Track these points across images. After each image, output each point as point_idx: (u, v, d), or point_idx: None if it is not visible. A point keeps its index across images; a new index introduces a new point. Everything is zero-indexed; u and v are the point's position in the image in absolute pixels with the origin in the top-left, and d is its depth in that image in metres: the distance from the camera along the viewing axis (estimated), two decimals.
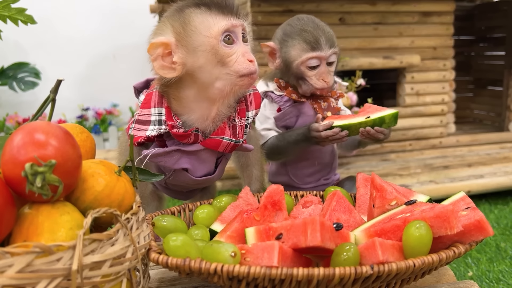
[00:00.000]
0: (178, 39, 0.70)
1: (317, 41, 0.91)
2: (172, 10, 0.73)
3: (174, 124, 0.74)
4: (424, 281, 0.66)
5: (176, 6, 0.73)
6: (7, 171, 0.45)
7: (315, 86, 0.94)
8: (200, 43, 0.70)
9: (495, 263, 1.33)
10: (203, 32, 0.70)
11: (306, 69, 0.93)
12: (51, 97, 0.53)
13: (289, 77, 0.98)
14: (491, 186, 1.92)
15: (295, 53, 0.93)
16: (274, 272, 0.48)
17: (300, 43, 0.92)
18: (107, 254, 0.45)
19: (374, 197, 0.69)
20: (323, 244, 0.51)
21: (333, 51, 0.93)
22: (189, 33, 0.70)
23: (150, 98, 0.77)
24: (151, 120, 0.75)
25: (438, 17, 2.23)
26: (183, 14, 0.71)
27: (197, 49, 0.70)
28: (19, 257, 0.40)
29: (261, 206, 0.67)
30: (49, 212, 0.46)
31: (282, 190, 0.69)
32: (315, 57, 0.92)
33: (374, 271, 0.50)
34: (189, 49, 0.70)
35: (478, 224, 0.56)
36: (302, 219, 0.54)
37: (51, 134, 0.46)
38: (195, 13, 0.70)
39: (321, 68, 0.93)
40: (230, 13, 0.71)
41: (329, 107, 1.00)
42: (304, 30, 0.92)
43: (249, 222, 0.64)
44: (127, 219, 0.50)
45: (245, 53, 0.72)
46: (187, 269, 0.50)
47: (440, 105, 2.31)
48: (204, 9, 0.70)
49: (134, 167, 0.56)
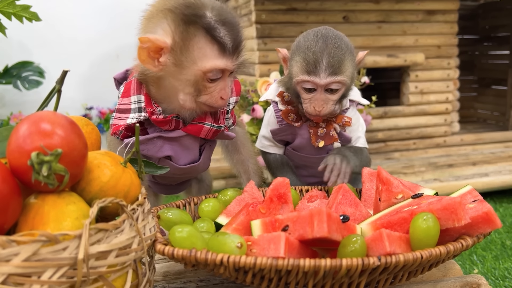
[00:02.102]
0: (173, 46, 0.68)
1: (315, 64, 0.81)
2: (180, 7, 0.68)
3: (154, 111, 0.74)
4: (431, 275, 0.66)
5: (186, 5, 0.68)
6: (13, 161, 0.45)
7: (305, 110, 0.86)
8: (188, 65, 0.69)
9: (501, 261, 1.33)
10: (197, 60, 0.68)
11: (301, 90, 0.85)
12: (57, 88, 0.53)
13: (291, 92, 0.91)
14: (496, 184, 1.91)
15: (295, 70, 0.85)
16: (280, 263, 0.48)
17: (300, 62, 0.83)
18: (113, 244, 0.45)
19: (380, 191, 0.68)
20: (329, 235, 0.51)
21: (333, 79, 0.81)
22: (184, 50, 0.68)
23: (129, 86, 0.77)
24: (131, 108, 0.76)
25: (442, 16, 2.22)
26: (188, 29, 0.67)
27: (183, 66, 0.69)
28: (25, 246, 0.40)
29: (266, 199, 0.67)
30: (55, 202, 0.46)
31: (287, 183, 0.69)
32: (309, 81, 0.82)
33: (382, 263, 0.50)
34: (177, 61, 0.69)
35: (486, 216, 0.55)
36: (308, 210, 0.53)
37: (57, 123, 0.46)
38: (199, 37, 0.68)
39: (316, 94, 0.83)
40: (231, 55, 0.70)
41: (326, 135, 0.90)
42: (309, 49, 0.82)
43: (255, 214, 0.63)
44: (133, 210, 0.50)
45: (222, 89, 0.72)
46: (193, 260, 0.49)
47: (444, 103, 2.30)
48: (210, 38, 0.68)
49: (139, 158, 0.56)
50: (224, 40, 0.68)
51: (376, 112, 2.17)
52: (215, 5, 0.70)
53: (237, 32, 0.70)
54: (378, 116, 2.20)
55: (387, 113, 2.22)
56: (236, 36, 0.70)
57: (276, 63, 1.96)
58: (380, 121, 2.20)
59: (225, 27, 0.69)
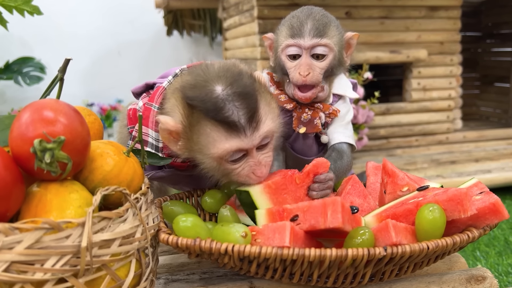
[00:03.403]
0: (183, 132, 0.61)
1: (299, 27, 0.77)
2: (186, 87, 0.61)
3: (171, 153, 0.67)
4: (436, 268, 0.65)
5: (191, 85, 0.61)
6: (15, 148, 0.44)
7: (292, 80, 0.79)
8: (202, 152, 0.62)
9: (504, 257, 1.32)
10: (207, 147, 0.60)
11: (286, 59, 0.79)
12: (59, 76, 0.52)
13: (278, 73, 0.84)
14: (499, 181, 1.91)
15: (279, 40, 0.81)
16: (286, 252, 0.47)
17: (284, 29, 0.80)
18: (116, 232, 0.44)
19: (385, 183, 0.68)
20: (343, 226, 0.50)
21: (318, 41, 0.77)
22: (193, 137, 0.61)
23: (148, 115, 0.70)
24: (148, 141, 0.70)
25: (445, 12, 2.21)
26: (192, 114, 0.60)
27: (198, 153, 0.62)
28: (28, 233, 0.40)
29: (304, 172, 0.65)
30: (58, 190, 0.46)
31: (328, 166, 0.67)
32: (293, 45, 0.78)
33: (388, 253, 0.49)
34: (190, 147, 0.62)
35: (493, 207, 0.55)
36: (321, 200, 0.52)
37: (60, 111, 0.46)
38: (204, 122, 0.59)
39: (301, 59, 0.78)
40: (245, 131, 0.59)
41: (309, 122, 0.81)
42: (294, 16, 0.80)
43: (290, 180, 0.64)
44: (136, 199, 0.49)
45: (254, 166, 0.62)
46: (197, 250, 0.49)
47: (446, 100, 2.29)
48: (214, 122, 0.59)
49: (142, 148, 0.56)
50: (231, 118, 0.58)
51: (378, 108, 2.16)
52: (227, 75, 0.61)
53: (251, 104, 0.60)
54: (381, 112, 2.19)
55: (389, 109, 2.21)
56: (249, 109, 0.59)
57: None
58: (383, 117, 2.20)
59: (234, 101, 0.59)
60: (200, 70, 0.62)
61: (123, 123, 0.79)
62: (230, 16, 2.35)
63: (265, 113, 0.62)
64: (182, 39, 2.97)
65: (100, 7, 2.91)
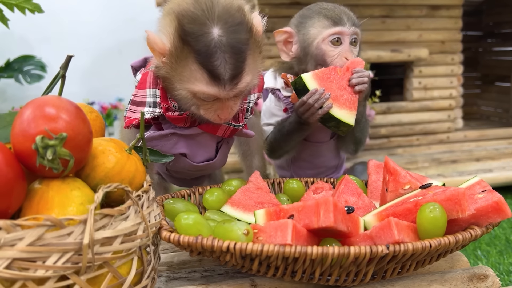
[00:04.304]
0: (169, 55, 0.64)
1: (339, 16, 0.85)
2: (185, 18, 0.62)
3: (169, 107, 0.71)
4: (438, 266, 0.65)
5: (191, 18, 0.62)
6: (17, 145, 0.44)
7: (335, 65, 0.85)
8: (180, 81, 0.65)
9: (505, 256, 1.32)
10: (186, 80, 0.64)
11: (328, 46, 0.85)
12: (61, 73, 0.52)
13: (306, 65, 0.89)
14: (500, 180, 1.90)
15: (315, 31, 0.86)
16: (288, 250, 0.47)
17: (320, 20, 0.86)
18: (118, 230, 0.44)
19: (387, 181, 0.68)
20: (335, 225, 0.50)
21: (355, 29, 0.86)
22: (177, 65, 0.64)
23: (145, 78, 0.74)
24: (146, 101, 0.72)
25: (446, 11, 2.20)
26: (183, 48, 0.62)
27: (176, 79, 0.66)
28: (29, 230, 0.40)
29: (344, 66, 0.81)
30: (60, 187, 0.46)
31: (363, 63, 0.84)
32: (337, 33, 0.85)
33: (390, 251, 0.49)
34: (171, 71, 0.65)
35: (496, 205, 0.54)
36: (314, 200, 0.53)
37: (62, 108, 0.46)
38: (192, 60, 0.62)
39: (345, 46, 0.86)
40: (224, 84, 0.63)
41: None
42: (324, 8, 0.87)
43: (333, 71, 0.81)
44: (138, 196, 0.49)
45: (218, 109, 0.68)
46: (199, 247, 0.49)
47: (448, 99, 2.29)
48: (201, 65, 0.62)
49: (144, 146, 0.55)
50: (217, 70, 0.62)
51: (379, 107, 2.16)
52: (228, 21, 0.62)
53: (239, 61, 0.63)
54: (382, 111, 2.18)
55: (390, 108, 2.20)
56: (236, 66, 0.63)
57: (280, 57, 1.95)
58: (383, 116, 2.19)
59: (225, 53, 0.61)
60: (205, 4, 0.63)
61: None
62: None
63: (249, 70, 0.65)
64: None
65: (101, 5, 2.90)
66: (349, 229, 0.54)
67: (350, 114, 0.82)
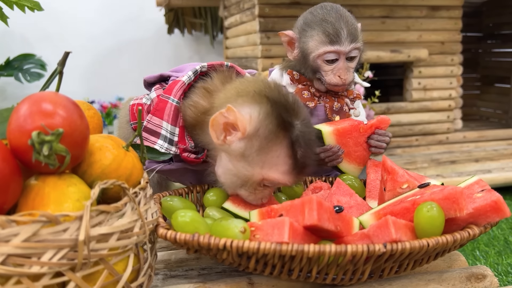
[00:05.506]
0: (251, 137, 0.61)
1: (337, 34, 0.83)
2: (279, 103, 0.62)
3: (186, 147, 0.69)
4: (436, 266, 0.65)
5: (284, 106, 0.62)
6: (13, 140, 0.44)
7: (329, 82, 0.86)
8: (254, 164, 0.62)
9: (504, 256, 1.32)
10: (265, 166, 0.62)
11: (323, 63, 0.86)
12: (59, 69, 0.52)
13: (306, 70, 0.91)
14: (499, 181, 1.90)
15: (312, 45, 0.86)
16: (284, 248, 0.47)
17: (319, 35, 0.84)
18: (114, 226, 0.44)
19: (385, 180, 0.68)
20: (320, 223, 0.50)
21: (354, 46, 0.84)
22: (260, 149, 0.61)
23: (164, 107, 0.69)
24: (161, 133, 0.69)
25: (446, 11, 2.20)
26: (277, 133, 0.61)
27: (248, 161, 0.62)
28: (25, 226, 0.39)
29: (369, 124, 0.81)
30: (56, 183, 0.45)
31: (389, 122, 0.82)
32: (333, 51, 0.84)
33: (387, 250, 0.49)
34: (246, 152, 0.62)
35: (495, 205, 0.54)
36: (301, 199, 0.53)
37: (59, 104, 0.45)
38: (282, 147, 0.61)
39: (339, 63, 0.85)
40: (296, 174, 0.64)
41: (340, 110, 0.90)
42: (325, 21, 0.84)
43: (355, 128, 0.80)
44: (135, 193, 0.49)
45: (265, 197, 0.66)
46: (195, 245, 0.48)
47: (447, 100, 2.29)
48: (290, 153, 0.62)
49: (142, 143, 0.55)
50: (299, 161, 0.62)
51: (379, 108, 2.16)
52: (305, 117, 0.64)
53: (312, 155, 0.65)
54: (381, 112, 2.18)
55: (389, 109, 2.20)
56: (309, 160, 0.64)
57: (280, 57, 1.94)
58: None
59: (304, 147, 0.62)
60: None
61: (125, 119, 0.78)
62: (231, 15, 2.34)
63: None
64: (183, 38, 2.96)
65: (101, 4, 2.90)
66: (338, 228, 0.53)
67: (357, 169, 0.82)
